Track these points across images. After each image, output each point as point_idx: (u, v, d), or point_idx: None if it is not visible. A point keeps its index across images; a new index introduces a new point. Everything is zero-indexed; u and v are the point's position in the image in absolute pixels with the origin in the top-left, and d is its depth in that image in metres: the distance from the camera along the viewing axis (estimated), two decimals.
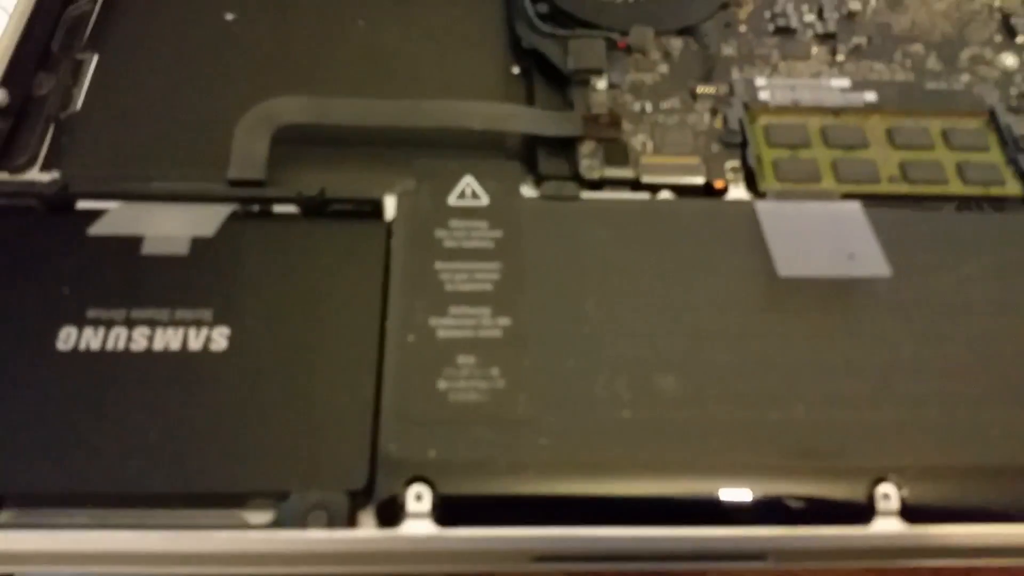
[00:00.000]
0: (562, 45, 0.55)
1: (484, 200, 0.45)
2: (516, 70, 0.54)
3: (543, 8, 0.56)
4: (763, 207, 0.47)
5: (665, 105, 0.52)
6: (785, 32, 0.57)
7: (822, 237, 0.46)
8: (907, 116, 0.54)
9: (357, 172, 0.49)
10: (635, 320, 0.40)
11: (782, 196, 0.48)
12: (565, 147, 0.50)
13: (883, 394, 0.39)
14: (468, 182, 0.46)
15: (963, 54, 0.57)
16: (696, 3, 0.58)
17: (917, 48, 0.57)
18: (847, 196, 0.48)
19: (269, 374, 0.38)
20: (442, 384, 0.37)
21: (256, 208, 0.44)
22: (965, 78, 0.56)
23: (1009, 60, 0.57)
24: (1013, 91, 0.55)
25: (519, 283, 0.41)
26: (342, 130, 0.49)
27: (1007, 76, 0.57)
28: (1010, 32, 0.59)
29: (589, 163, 0.49)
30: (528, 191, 0.48)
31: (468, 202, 0.45)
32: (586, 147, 0.50)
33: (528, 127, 0.49)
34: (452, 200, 0.45)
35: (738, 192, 0.50)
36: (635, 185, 0.49)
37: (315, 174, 0.48)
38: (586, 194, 0.48)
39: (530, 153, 0.50)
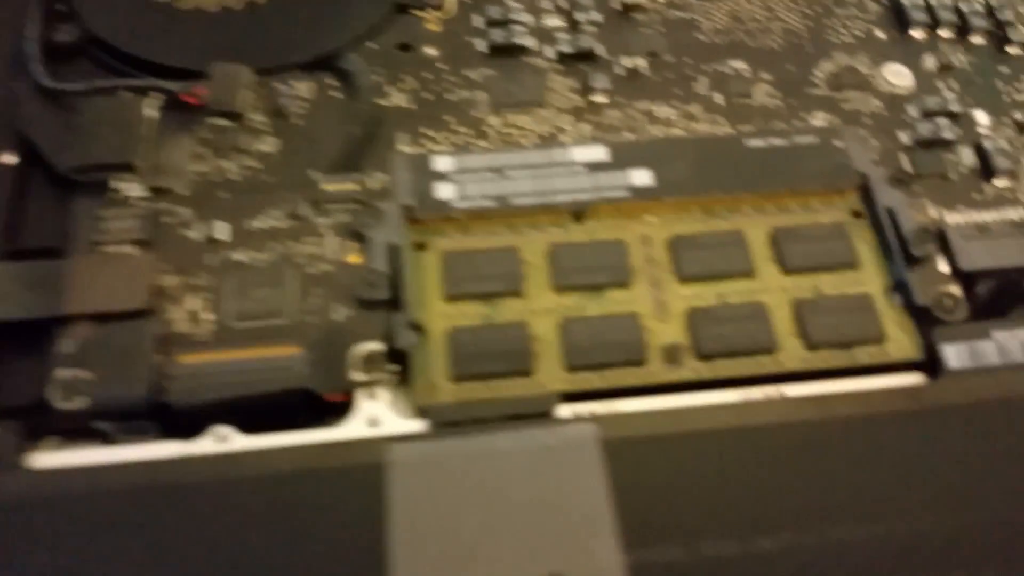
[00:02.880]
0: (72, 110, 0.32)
1: None
2: (9, 159, 0.31)
3: (69, 34, 0.31)
4: (403, 455, 0.26)
5: (259, 224, 0.29)
6: (506, 52, 0.32)
7: (511, 514, 0.25)
8: (708, 210, 0.32)
9: None
10: None
11: (453, 417, 0.28)
12: (37, 340, 0.28)
13: None
14: None
15: (819, 69, 0.33)
16: (344, 8, 0.33)
17: (738, 65, 0.33)
18: (584, 396, 0.28)
19: None
20: None
21: None
22: (820, 118, 0.33)
23: (898, 75, 0.33)
24: (905, 138, 0.32)
25: None
26: None
27: (894, 109, 0.35)
28: (899, 21, 0.34)
29: (71, 377, 0.27)
30: None
31: None
32: (70, 340, 0.28)
33: None
34: None
35: (373, 410, 0.28)
36: (162, 416, 0.27)
37: None
38: (47, 457, 0.27)
39: None
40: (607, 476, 0.25)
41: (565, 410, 0.27)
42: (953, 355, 0.28)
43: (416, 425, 0.27)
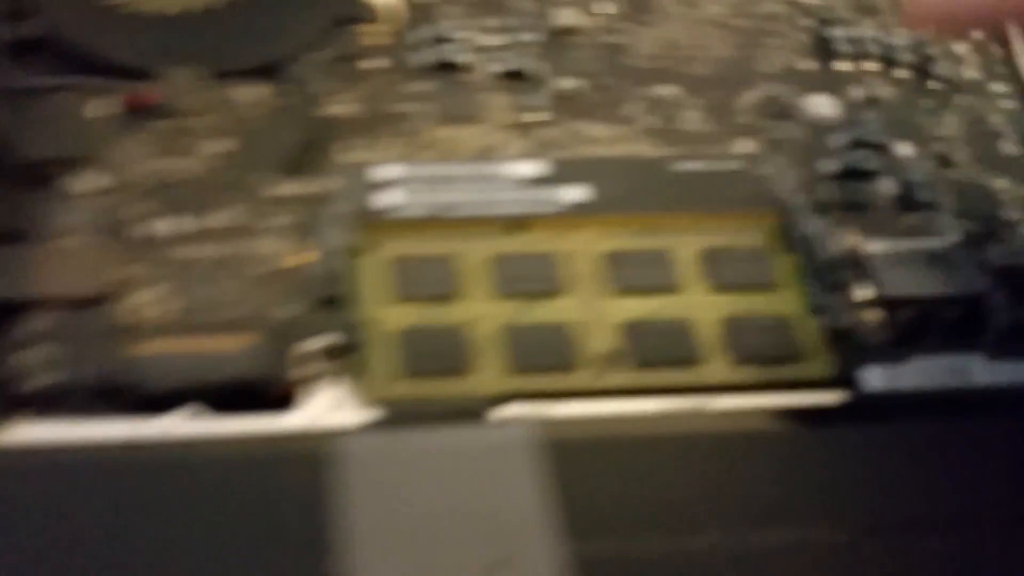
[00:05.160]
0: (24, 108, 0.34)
1: None
2: None
3: (34, 29, 0.36)
4: (347, 447, 0.28)
5: (212, 222, 0.32)
6: (445, 68, 0.35)
7: (457, 505, 0.28)
8: (641, 227, 0.34)
9: None
10: None
11: (398, 411, 0.30)
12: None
13: None
14: None
15: (743, 98, 0.36)
16: (289, 19, 0.35)
17: (669, 91, 0.36)
18: (521, 397, 0.31)
19: None
20: None
21: None
22: (745, 145, 0.35)
23: (822, 106, 0.36)
24: (824, 167, 0.34)
25: None
26: None
27: (817, 137, 0.38)
28: (825, 52, 0.38)
29: (31, 359, 0.29)
30: None
31: None
32: (29, 324, 0.30)
33: None
34: None
35: (321, 401, 0.30)
36: (118, 399, 0.29)
37: None
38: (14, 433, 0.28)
39: None
40: (545, 474, 0.28)
41: (504, 410, 0.30)
42: (871, 377, 0.32)
43: (361, 419, 0.29)
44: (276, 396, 0.29)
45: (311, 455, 0.27)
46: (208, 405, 0.29)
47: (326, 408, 0.29)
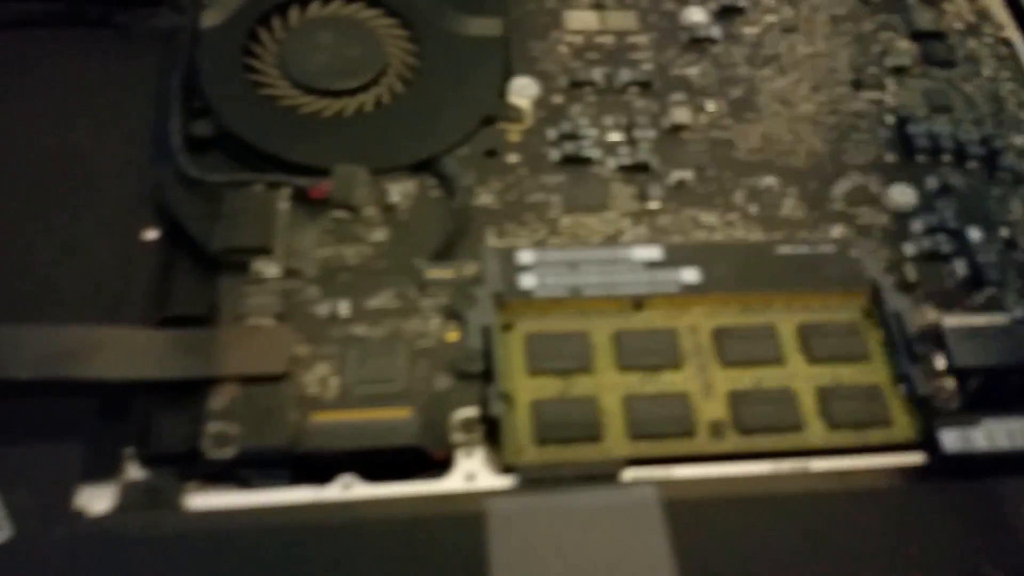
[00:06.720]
0: (214, 200, 0.37)
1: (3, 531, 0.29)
2: (152, 235, 0.35)
3: (203, 129, 0.37)
4: (498, 508, 0.32)
5: (373, 303, 0.35)
6: (575, 163, 0.39)
7: (587, 558, 0.31)
8: (746, 305, 0.38)
9: None
10: None
11: (538, 476, 0.33)
12: (190, 397, 0.33)
13: None
14: None
15: (836, 188, 0.39)
16: (443, 119, 0.39)
17: (769, 182, 0.39)
18: (643, 462, 0.34)
19: None
20: None
21: None
22: (837, 231, 0.38)
23: (903, 195, 0.39)
24: (910, 250, 0.38)
25: None
26: None
27: (900, 225, 0.41)
28: (907, 148, 0.41)
29: (220, 430, 0.33)
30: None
31: None
32: (220, 398, 0.33)
33: (116, 369, 0.33)
34: None
35: (470, 466, 0.33)
36: (296, 464, 0.33)
37: None
38: (200, 498, 0.32)
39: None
40: (667, 530, 0.31)
41: (629, 473, 0.33)
42: (949, 439, 0.34)
43: (505, 481, 0.32)
44: (430, 461, 0.32)
45: (464, 515, 0.30)
46: (371, 469, 0.32)
47: (473, 472, 0.32)
